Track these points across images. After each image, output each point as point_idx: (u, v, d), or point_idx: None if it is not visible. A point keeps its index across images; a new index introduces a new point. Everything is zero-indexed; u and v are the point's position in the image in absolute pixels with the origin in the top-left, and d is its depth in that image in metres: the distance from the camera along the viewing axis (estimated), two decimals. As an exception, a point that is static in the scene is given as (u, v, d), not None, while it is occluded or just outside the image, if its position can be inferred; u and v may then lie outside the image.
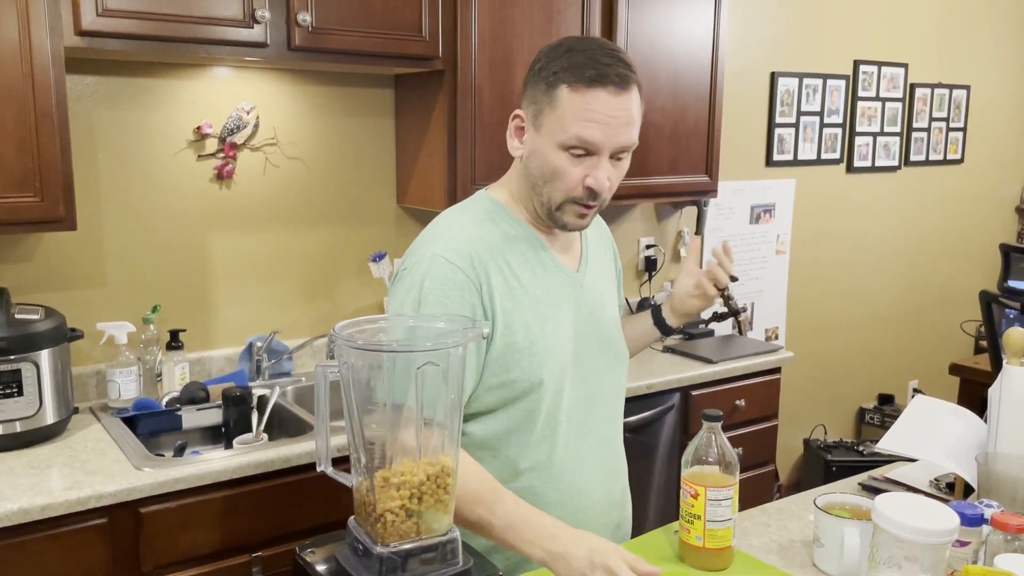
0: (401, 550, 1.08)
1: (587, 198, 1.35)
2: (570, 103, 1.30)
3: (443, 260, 1.33)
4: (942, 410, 1.69)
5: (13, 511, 1.67)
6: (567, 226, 1.40)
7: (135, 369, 2.25)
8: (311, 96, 2.56)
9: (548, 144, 1.34)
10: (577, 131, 1.30)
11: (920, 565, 1.14)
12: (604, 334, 1.50)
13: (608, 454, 1.52)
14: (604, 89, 1.30)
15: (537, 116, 1.35)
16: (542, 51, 1.38)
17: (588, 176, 1.33)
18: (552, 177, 1.35)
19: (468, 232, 1.38)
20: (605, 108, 1.30)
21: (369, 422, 1.09)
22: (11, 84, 1.84)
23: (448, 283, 1.32)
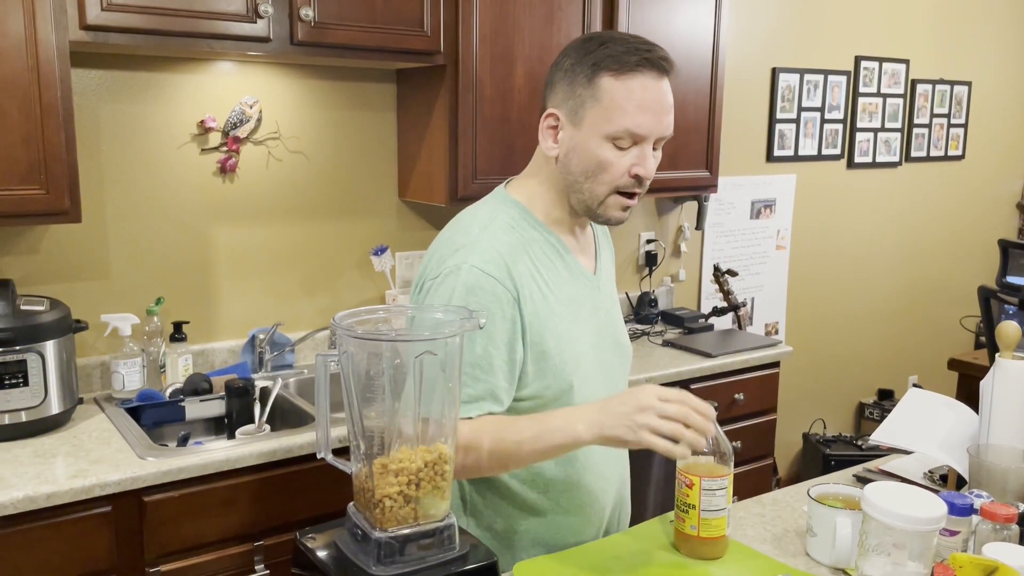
0: (399, 535, 1.10)
1: (634, 186, 1.35)
2: (616, 92, 1.30)
3: (480, 272, 1.31)
4: (936, 403, 1.70)
5: (19, 499, 1.69)
6: (610, 220, 1.40)
7: (139, 360, 2.27)
8: (314, 90, 2.58)
9: (592, 138, 1.32)
10: (625, 123, 1.30)
11: (908, 552, 1.16)
12: (617, 333, 1.52)
13: (620, 453, 1.53)
14: (648, 74, 1.30)
15: (577, 111, 1.33)
16: (569, 48, 1.37)
17: (636, 165, 1.33)
18: (597, 170, 1.34)
19: (501, 240, 1.35)
20: (651, 94, 1.31)
21: (368, 411, 1.11)
22: (17, 78, 1.86)
23: (488, 296, 1.30)
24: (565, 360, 1.36)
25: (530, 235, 1.39)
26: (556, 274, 1.39)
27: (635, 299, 3.36)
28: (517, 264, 1.34)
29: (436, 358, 1.10)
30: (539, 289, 1.35)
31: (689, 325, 3.17)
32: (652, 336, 3.09)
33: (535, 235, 1.40)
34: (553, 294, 1.37)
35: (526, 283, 1.34)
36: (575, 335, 1.39)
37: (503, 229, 1.37)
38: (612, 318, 1.51)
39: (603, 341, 1.47)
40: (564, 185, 1.39)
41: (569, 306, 1.39)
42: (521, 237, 1.38)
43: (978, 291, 2.23)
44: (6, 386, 1.93)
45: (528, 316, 1.33)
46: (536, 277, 1.36)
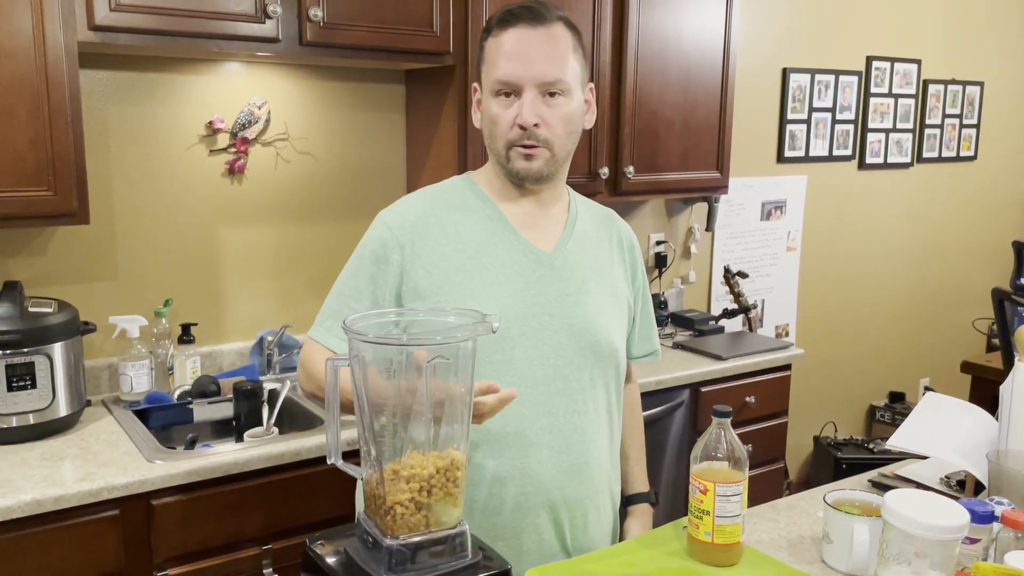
0: (410, 543, 1.08)
1: (522, 138, 1.38)
2: (491, 49, 1.39)
3: (380, 220, 1.46)
4: (953, 407, 1.68)
5: (26, 502, 1.68)
6: (519, 173, 1.42)
7: (147, 362, 2.26)
8: (322, 91, 2.57)
9: (486, 97, 1.41)
10: (496, 73, 1.38)
11: (930, 562, 1.14)
12: (579, 320, 1.44)
13: (570, 445, 1.42)
14: (520, 26, 1.37)
15: (479, 76, 1.43)
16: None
17: (517, 115, 1.38)
18: (492, 127, 1.41)
19: (419, 198, 1.48)
20: (519, 44, 1.37)
21: (379, 415, 1.09)
22: (25, 78, 1.85)
23: (375, 239, 1.44)
24: None
25: (463, 199, 1.47)
26: (480, 237, 1.43)
27: (645, 301, 3.34)
28: (423, 218, 1.43)
29: (448, 362, 1.08)
30: (448, 244, 1.41)
31: (699, 327, 3.15)
32: (662, 338, 3.07)
33: (469, 200, 1.47)
34: (467, 252, 1.41)
35: (431, 235, 1.41)
36: (491, 295, 1.38)
37: (430, 191, 1.50)
38: (574, 303, 1.44)
39: (548, 319, 1.41)
40: (489, 153, 1.46)
41: (489, 269, 1.41)
42: (447, 199, 1.47)
43: (992, 293, 2.20)
44: (14, 388, 1.92)
45: (423, 265, 1.40)
46: (449, 233, 1.42)
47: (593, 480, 1.46)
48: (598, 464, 1.47)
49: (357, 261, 1.47)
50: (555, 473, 1.40)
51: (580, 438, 1.44)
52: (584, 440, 1.44)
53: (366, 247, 1.46)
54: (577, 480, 1.43)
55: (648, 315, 1.65)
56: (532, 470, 1.39)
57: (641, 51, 2.74)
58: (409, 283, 1.40)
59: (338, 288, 1.49)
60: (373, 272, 1.43)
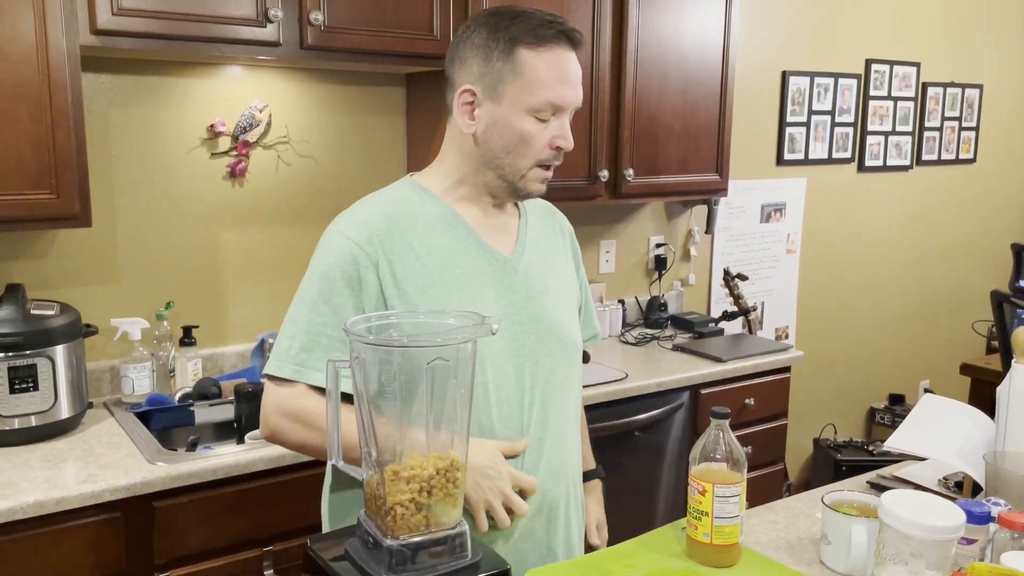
0: (411, 543, 1.09)
1: (555, 159, 1.37)
2: (536, 65, 1.31)
3: (341, 236, 1.34)
4: (951, 409, 1.69)
5: (28, 504, 1.69)
6: (530, 193, 1.40)
7: (148, 365, 2.27)
8: (323, 94, 2.58)
9: (514, 112, 1.33)
10: (547, 95, 1.32)
11: (926, 562, 1.14)
12: (546, 321, 1.43)
13: (548, 449, 1.42)
14: (564, 46, 1.33)
15: (496, 86, 1.33)
16: (476, 23, 1.36)
17: (557, 137, 1.34)
18: (519, 144, 1.34)
19: (374, 208, 1.38)
20: (568, 66, 1.33)
21: (379, 417, 1.10)
22: (28, 82, 1.86)
23: (344, 258, 1.32)
24: None
25: (419, 207, 1.39)
26: (445, 247, 1.37)
27: (645, 303, 3.35)
28: (387, 231, 1.34)
29: (448, 364, 1.09)
30: (416, 258, 1.34)
31: (699, 329, 3.16)
32: (662, 340, 3.08)
33: (427, 208, 1.39)
34: (437, 265, 1.35)
35: (397, 250, 1.33)
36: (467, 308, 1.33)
37: (382, 200, 1.40)
38: (540, 305, 1.42)
39: (520, 327, 1.40)
40: (482, 162, 1.38)
41: (461, 281, 1.36)
42: (403, 208, 1.38)
43: (991, 296, 2.21)
44: (16, 391, 1.93)
45: (397, 283, 1.32)
46: (415, 246, 1.35)
47: (570, 478, 1.47)
48: (574, 461, 1.49)
49: (324, 284, 1.32)
50: (538, 478, 1.40)
51: (557, 440, 1.44)
52: (561, 441, 1.45)
53: (333, 267, 1.32)
54: (556, 481, 1.43)
55: (588, 299, 1.64)
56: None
57: (640, 54, 2.74)
58: (387, 302, 1.33)
59: (305, 316, 1.33)
60: (349, 295, 1.31)
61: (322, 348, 1.30)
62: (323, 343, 1.30)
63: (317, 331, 1.31)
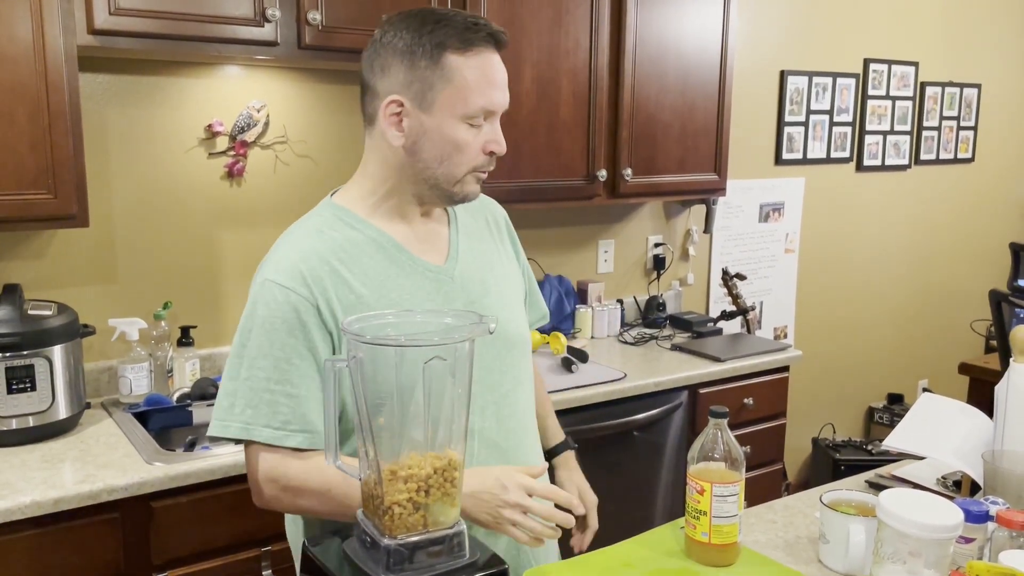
0: (408, 542, 1.09)
1: (489, 164, 1.34)
2: (466, 71, 1.27)
3: (272, 284, 1.27)
4: (949, 408, 1.69)
5: (26, 504, 1.68)
6: (467, 197, 1.36)
7: (146, 365, 2.27)
8: (321, 94, 2.58)
9: (447, 120, 1.28)
10: (481, 102, 1.28)
11: (924, 560, 1.14)
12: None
13: (506, 452, 1.40)
14: (491, 49, 1.30)
15: (425, 94, 1.27)
16: (395, 27, 1.30)
17: (490, 142, 1.32)
18: (453, 153, 1.30)
19: (300, 245, 1.31)
20: (496, 68, 1.31)
21: (376, 416, 1.10)
22: (25, 82, 1.86)
23: (282, 307, 1.25)
24: None
25: (344, 235, 1.33)
26: (378, 271, 1.32)
27: (643, 303, 3.35)
28: (316, 268, 1.28)
29: (445, 363, 1.09)
30: (351, 290, 1.29)
31: (698, 329, 3.16)
32: (660, 340, 3.08)
33: (352, 234, 1.33)
34: (373, 292, 1.30)
35: (331, 286, 1.28)
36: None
37: (307, 234, 1.33)
38: (485, 307, 1.39)
39: None
40: (412, 173, 1.33)
41: (399, 303, 1.31)
42: (330, 239, 1.32)
43: (989, 295, 2.21)
44: (14, 391, 1.93)
45: (336, 319, 1.27)
46: (347, 278, 1.29)
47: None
48: (536, 456, 1.49)
49: (264, 337, 1.25)
50: None
51: (517, 440, 1.43)
52: (520, 440, 1.44)
53: (271, 319, 1.25)
54: None
55: (532, 282, 1.61)
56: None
57: (639, 54, 2.74)
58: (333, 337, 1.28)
59: (246, 372, 1.26)
60: (294, 343, 1.25)
61: (266, 404, 1.25)
62: (266, 398, 1.25)
63: (261, 387, 1.25)
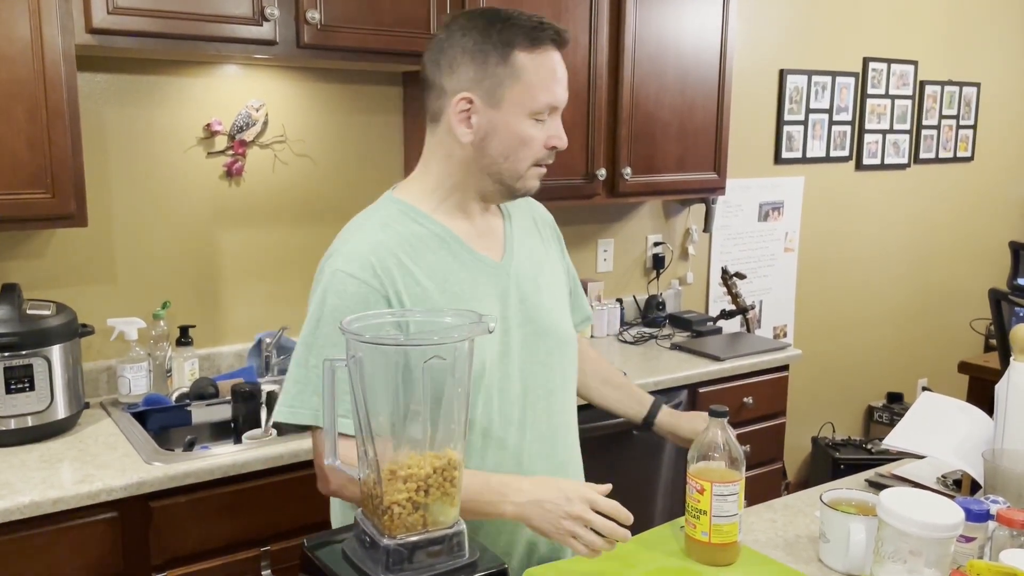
0: (408, 542, 1.09)
1: (550, 158, 1.38)
2: (535, 68, 1.32)
3: (344, 275, 1.30)
4: (949, 407, 1.69)
5: (25, 504, 1.68)
6: (528, 191, 1.40)
7: (145, 365, 2.26)
8: (320, 93, 2.57)
9: (515, 116, 1.33)
10: (547, 98, 1.33)
11: (925, 560, 1.14)
12: (541, 323, 1.44)
13: (554, 446, 1.45)
14: (550, 47, 1.34)
15: (494, 91, 1.32)
16: (463, 27, 1.34)
17: (553, 137, 1.36)
18: (519, 148, 1.35)
19: (369, 238, 1.34)
20: (559, 66, 1.35)
21: (376, 416, 1.10)
22: (23, 81, 1.86)
23: (352, 298, 1.29)
24: None
25: (409, 229, 1.37)
26: (441, 266, 1.36)
27: (643, 302, 3.35)
28: (386, 260, 1.32)
29: (445, 363, 1.08)
30: (417, 283, 1.33)
31: (697, 328, 3.16)
32: (660, 339, 3.07)
33: (416, 228, 1.37)
34: (436, 286, 1.34)
35: (399, 277, 1.32)
36: None
37: (375, 228, 1.37)
38: (533, 305, 1.44)
39: (518, 331, 1.41)
40: (477, 169, 1.37)
41: (460, 297, 1.36)
42: (396, 233, 1.36)
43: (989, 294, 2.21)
44: (12, 391, 1.92)
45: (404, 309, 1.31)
46: (413, 271, 1.33)
47: (573, 473, 1.50)
48: (577, 454, 1.52)
49: (334, 327, 1.23)
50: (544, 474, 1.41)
51: (562, 436, 1.47)
52: (565, 437, 1.48)
53: (343, 309, 1.27)
54: (564, 476, 1.45)
55: (576, 283, 1.65)
56: None
57: (638, 52, 2.74)
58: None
59: (315, 361, 1.30)
60: None
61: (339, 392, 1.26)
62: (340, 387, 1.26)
63: None
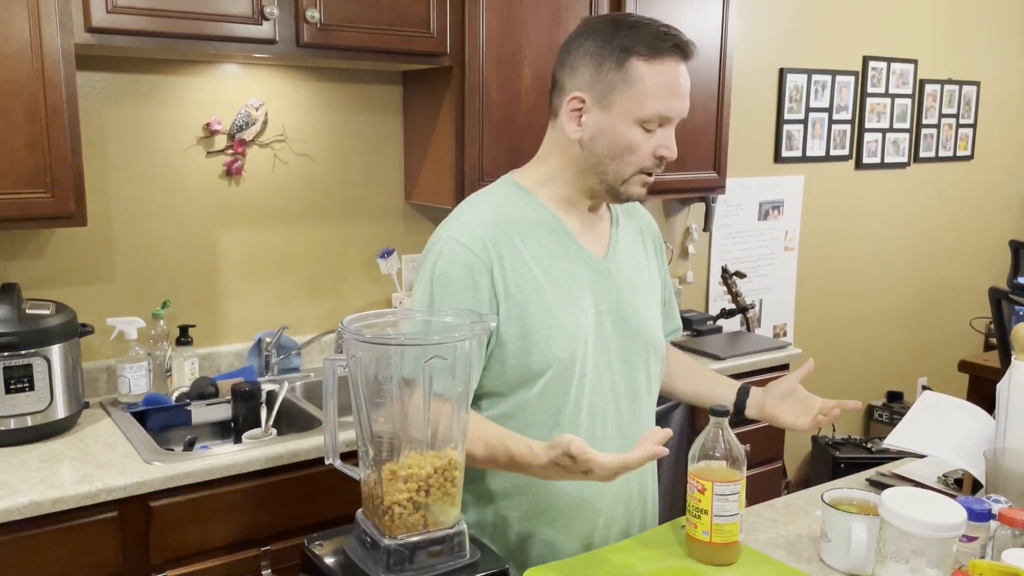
0: (408, 542, 1.08)
1: (657, 167, 1.38)
2: (648, 77, 1.32)
3: (455, 242, 1.35)
4: (950, 406, 1.68)
5: (24, 504, 1.68)
6: (631, 197, 1.41)
7: (145, 364, 2.26)
8: (319, 92, 2.57)
9: (622, 121, 1.34)
10: (658, 108, 1.33)
11: (927, 560, 1.14)
12: (634, 323, 1.48)
13: (631, 443, 1.46)
14: (675, 59, 1.33)
15: (606, 95, 1.34)
16: (590, 30, 1.37)
17: (661, 147, 1.36)
18: (625, 152, 1.36)
19: (484, 214, 1.39)
20: (679, 79, 1.34)
21: (377, 416, 1.09)
22: (22, 81, 1.85)
23: (459, 264, 1.33)
24: (553, 336, 1.35)
25: (523, 212, 1.41)
26: (548, 252, 1.39)
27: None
28: (497, 237, 1.36)
29: (446, 363, 1.08)
30: (524, 263, 1.36)
31: (697, 327, 3.15)
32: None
33: (530, 213, 1.41)
34: (542, 270, 1.38)
35: (508, 255, 1.35)
36: (570, 312, 1.38)
37: (490, 205, 1.41)
38: (629, 305, 1.47)
39: (611, 327, 1.45)
40: (585, 167, 1.40)
41: (563, 284, 1.39)
42: (509, 214, 1.40)
43: (989, 293, 2.21)
44: (12, 391, 1.92)
45: (508, 287, 1.34)
46: (522, 251, 1.37)
47: (647, 471, 1.56)
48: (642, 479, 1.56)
49: (439, 288, 1.34)
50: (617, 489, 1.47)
51: (640, 433, 1.48)
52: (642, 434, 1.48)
53: (449, 273, 1.34)
54: (637, 473, 1.51)
55: (671, 294, 1.67)
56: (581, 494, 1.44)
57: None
58: (498, 306, 1.35)
59: None
60: (464, 300, 1.33)
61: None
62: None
63: None
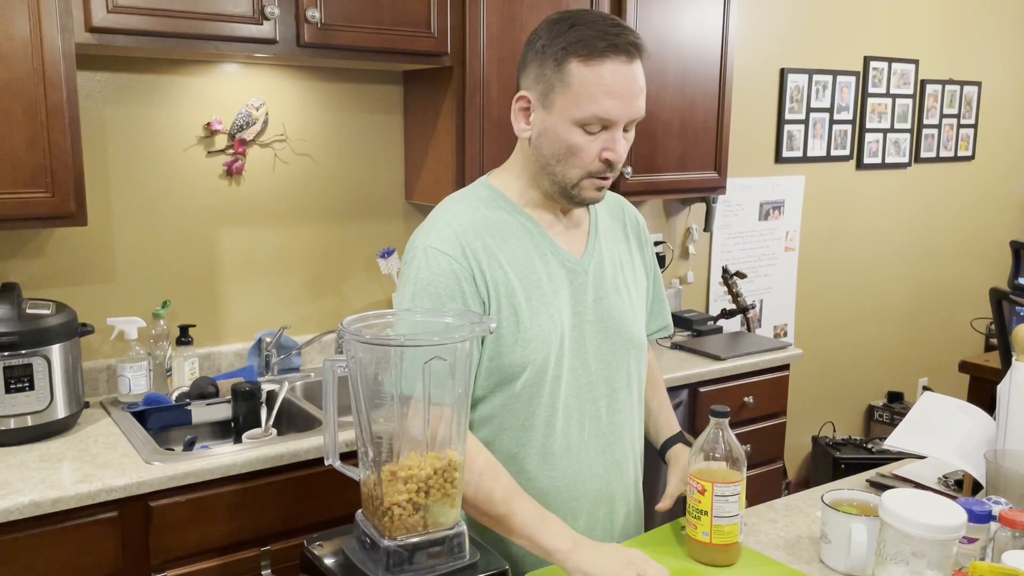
0: (408, 543, 1.08)
1: (605, 171, 1.35)
2: (583, 78, 1.29)
3: (435, 251, 1.34)
4: (951, 407, 1.68)
5: (24, 504, 1.68)
6: (585, 201, 1.39)
7: (145, 364, 2.26)
8: (320, 92, 2.57)
9: (561, 122, 1.32)
10: (594, 109, 1.29)
11: (927, 561, 1.14)
12: (614, 321, 1.46)
13: (611, 444, 1.47)
14: (616, 60, 1.29)
15: (547, 95, 1.33)
16: (540, 28, 1.36)
17: (606, 150, 1.33)
18: (568, 155, 1.34)
19: (459, 220, 1.38)
20: (619, 80, 1.29)
21: (376, 416, 1.09)
22: (22, 80, 1.85)
23: (444, 273, 1.33)
24: (528, 338, 1.35)
25: (497, 216, 1.40)
26: (523, 253, 1.39)
27: (643, 301, 3.34)
28: (473, 241, 1.35)
29: (446, 363, 1.08)
30: (499, 267, 1.36)
31: (698, 327, 3.15)
32: (660, 340, 3.07)
33: (504, 216, 1.40)
34: (516, 272, 1.37)
35: (484, 259, 1.35)
36: (546, 313, 1.37)
37: (464, 210, 1.40)
38: (609, 304, 1.46)
39: (589, 327, 1.43)
40: (537, 167, 1.39)
41: (538, 285, 1.38)
42: (484, 217, 1.39)
43: (990, 293, 2.20)
44: (12, 390, 1.92)
45: (488, 291, 1.34)
46: (497, 254, 1.36)
47: (630, 472, 1.53)
48: (634, 454, 1.55)
49: (430, 300, 1.32)
50: (601, 471, 1.46)
51: (620, 434, 1.50)
52: (623, 435, 1.51)
53: (435, 283, 1.33)
54: (619, 473, 1.50)
55: (660, 291, 1.65)
56: (583, 475, 1.44)
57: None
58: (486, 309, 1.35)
59: None
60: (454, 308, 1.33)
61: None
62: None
63: None
